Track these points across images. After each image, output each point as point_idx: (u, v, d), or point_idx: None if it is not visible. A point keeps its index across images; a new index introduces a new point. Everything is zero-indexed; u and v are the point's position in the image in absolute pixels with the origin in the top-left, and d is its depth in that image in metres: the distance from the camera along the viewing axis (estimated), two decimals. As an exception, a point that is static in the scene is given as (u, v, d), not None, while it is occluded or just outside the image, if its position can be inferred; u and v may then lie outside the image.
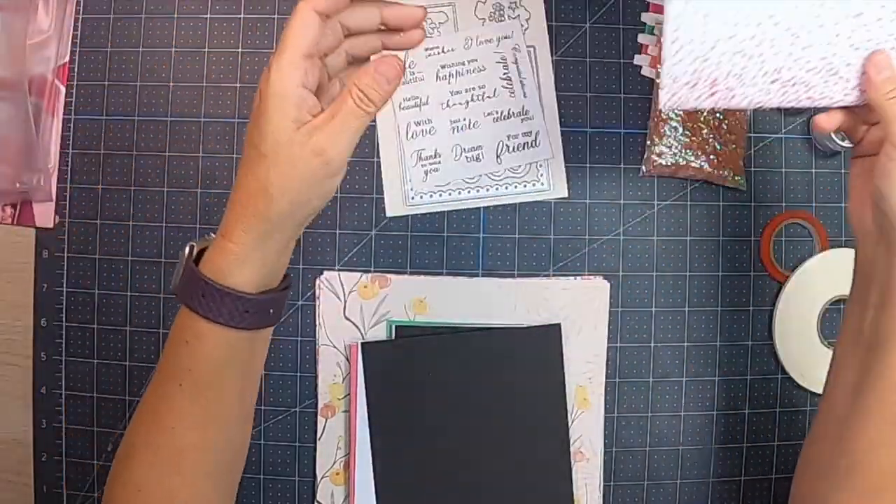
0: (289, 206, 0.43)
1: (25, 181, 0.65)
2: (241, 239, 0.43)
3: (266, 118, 0.42)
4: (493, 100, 0.65)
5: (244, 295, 0.43)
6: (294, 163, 0.42)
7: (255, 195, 0.42)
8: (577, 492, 0.64)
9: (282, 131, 0.42)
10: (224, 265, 0.43)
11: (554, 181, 0.65)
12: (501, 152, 0.65)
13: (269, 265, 0.44)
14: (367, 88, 0.43)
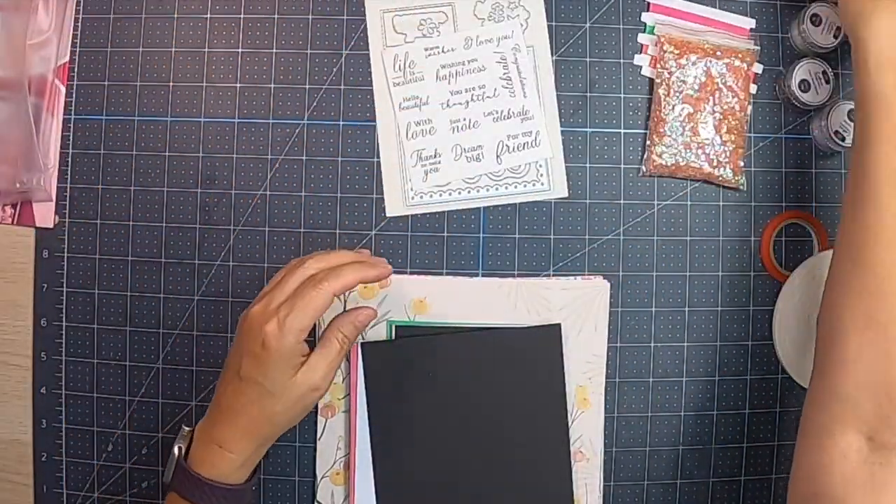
0: (285, 427, 0.56)
1: (25, 181, 0.65)
2: (243, 450, 0.54)
3: (274, 367, 0.52)
4: (493, 100, 0.65)
5: (239, 487, 0.54)
6: (296, 399, 0.54)
7: (260, 422, 0.54)
8: (577, 492, 0.64)
9: (286, 377, 0.53)
10: (226, 470, 0.53)
11: (554, 181, 0.65)
12: (501, 152, 0.65)
13: (256, 461, 0.56)
14: (349, 334, 0.56)
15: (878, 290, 0.48)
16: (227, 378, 0.54)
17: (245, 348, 0.53)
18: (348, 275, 0.53)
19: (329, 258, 0.55)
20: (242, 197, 0.66)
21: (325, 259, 0.55)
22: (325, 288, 0.52)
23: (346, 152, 0.66)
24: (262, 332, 0.52)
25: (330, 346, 0.55)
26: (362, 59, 0.67)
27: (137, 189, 0.67)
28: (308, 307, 0.52)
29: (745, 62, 0.65)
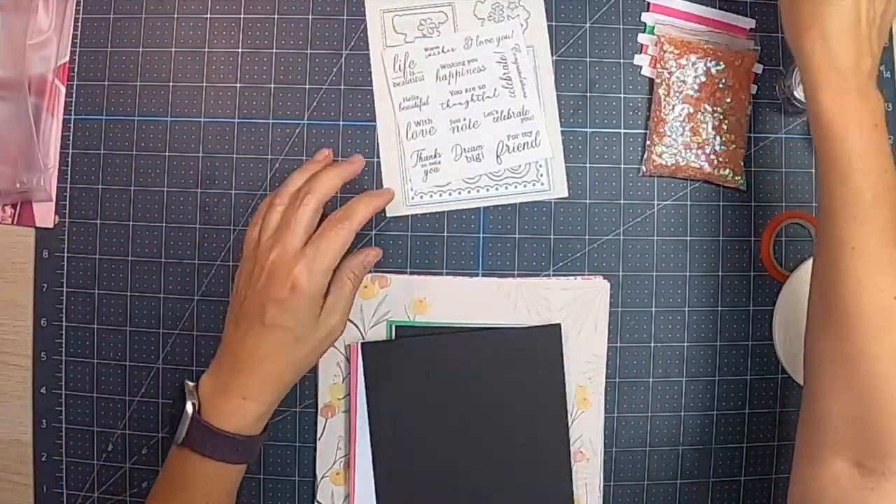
0: (304, 372, 0.57)
1: (25, 181, 0.65)
2: (266, 400, 0.54)
3: (303, 311, 0.54)
4: (493, 100, 0.65)
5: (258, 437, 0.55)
6: (319, 342, 0.56)
7: (285, 369, 0.55)
8: (577, 492, 0.64)
9: (312, 320, 0.55)
10: (248, 421, 0.54)
11: (554, 181, 0.65)
12: (501, 152, 0.65)
13: (273, 410, 0.56)
14: (359, 273, 0.58)
15: (846, 326, 0.48)
16: (246, 327, 0.54)
17: (269, 296, 0.53)
18: (361, 209, 0.56)
19: (320, 184, 0.55)
20: (242, 197, 0.66)
21: (318, 186, 0.55)
22: (347, 227, 0.55)
23: (346, 152, 0.66)
24: (291, 278, 0.53)
25: (343, 286, 0.57)
26: (362, 59, 0.67)
27: (137, 189, 0.67)
28: (332, 247, 0.54)
29: (745, 62, 0.65)
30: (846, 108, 0.50)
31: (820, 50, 0.51)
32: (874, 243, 0.48)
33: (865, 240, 0.48)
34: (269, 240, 0.55)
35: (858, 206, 0.49)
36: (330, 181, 0.56)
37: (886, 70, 0.67)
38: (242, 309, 0.55)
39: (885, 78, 0.67)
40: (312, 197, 0.55)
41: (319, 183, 0.55)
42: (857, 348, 0.48)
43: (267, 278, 0.54)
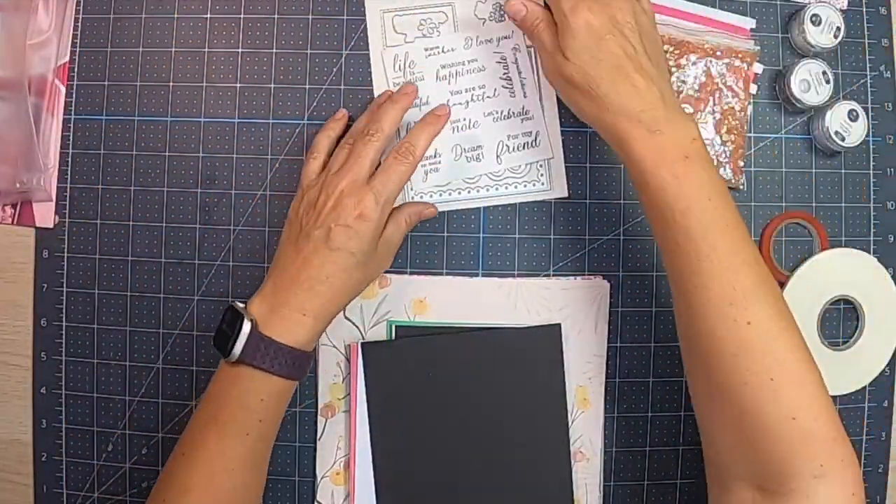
0: (356, 296, 0.59)
1: (25, 181, 0.65)
2: (325, 317, 0.56)
3: (367, 236, 0.56)
4: (493, 100, 0.65)
5: (310, 354, 0.57)
6: (374, 268, 0.60)
7: (344, 290, 0.57)
8: (577, 492, 0.64)
9: (373, 247, 0.57)
10: (306, 336, 0.55)
11: (554, 181, 0.65)
12: (502, 152, 0.65)
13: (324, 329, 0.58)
14: (413, 221, 0.62)
15: (709, 361, 0.49)
16: (310, 249, 0.56)
17: (337, 221, 0.56)
18: (423, 138, 0.59)
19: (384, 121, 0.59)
20: (242, 197, 0.66)
21: (383, 124, 0.59)
22: (410, 159, 0.58)
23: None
24: (361, 206, 0.56)
25: (400, 223, 0.61)
26: (362, 59, 0.67)
27: (137, 189, 0.67)
28: (398, 179, 0.58)
29: (745, 62, 0.65)
30: (650, 153, 0.51)
31: (606, 112, 0.53)
32: (717, 276, 0.49)
33: (708, 274, 0.49)
34: (338, 172, 0.58)
35: (692, 244, 0.49)
36: (392, 116, 0.60)
37: (887, 70, 0.67)
38: (305, 233, 0.57)
39: (885, 78, 0.67)
40: (380, 135, 0.59)
41: (383, 119, 0.59)
42: (723, 380, 0.49)
43: (335, 205, 0.56)
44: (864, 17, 0.67)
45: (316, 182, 0.59)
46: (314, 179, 0.59)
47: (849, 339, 0.66)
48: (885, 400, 0.66)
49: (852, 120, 0.64)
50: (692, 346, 0.51)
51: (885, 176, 0.66)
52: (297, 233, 0.57)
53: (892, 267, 0.66)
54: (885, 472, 0.66)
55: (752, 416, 0.47)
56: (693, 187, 0.50)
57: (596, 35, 0.53)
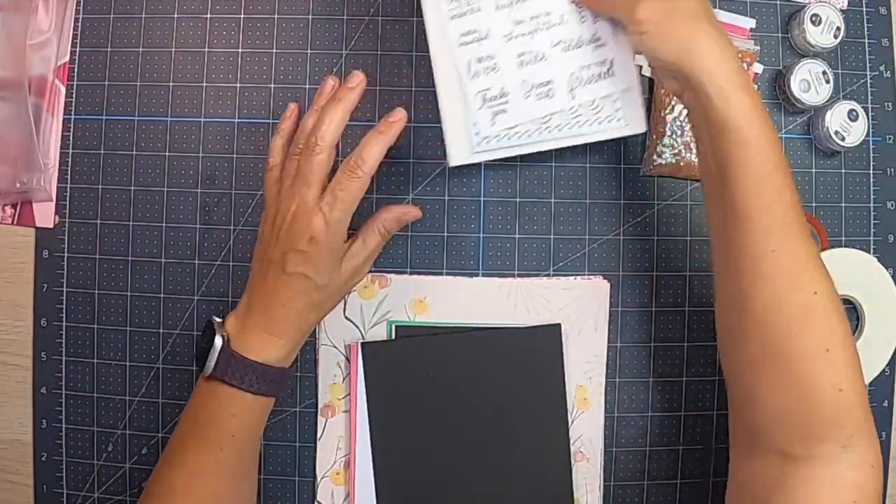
0: (328, 312, 0.59)
1: (25, 181, 0.65)
2: (292, 337, 0.56)
3: (322, 260, 0.55)
4: (560, 27, 0.58)
5: (287, 370, 0.57)
6: (340, 287, 0.58)
7: (308, 311, 0.56)
8: (577, 492, 0.64)
9: (333, 268, 0.56)
10: (277, 354, 0.56)
11: (631, 115, 0.59)
12: (575, 87, 0.59)
13: (300, 346, 0.58)
14: (391, 228, 0.60)
15: (768, 328, 0.49)
16: (271, 272, 0.55)
17: (290, 245, 0.54)
18: (374, 150, 0.55)
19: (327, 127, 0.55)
20: (242, 197, 0.66)
21: (325, 131, 0.55)
22: (361, 174, 0.54)
23: (346, 152, 0.66)
24: (310, 229, 0.54)
25: (372, 235, 0.59)
26: (362, 59, 0.67)
27: (137, 189, 0.67)
28: (348, 197, 0.54)
29: (745, 62, 0.65)
30: (750, 107, 0.49)
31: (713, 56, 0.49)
32: (794, 243, 0.49)
33: (784, 240, 0.49)
34: (289, 189, 0.56)
35: (776, 211, 0.49)
36: (336, 120, 0.55)
37: (887, 70, 0.67)
38: (266, 254, 0.56)
39: (885, 78, 0.67)
40: (322, 145, 0.55)
41: (326, 125, 0.55)
42: (782, 347, 0.48)
43: (288, 228, 0.55)
44: (864, 17, 0.67)
45: (275, 197, 0.57)
46: (273, 194, 0.57)
47: (849, 339, 0.66)
48: (885, 400, 0.66)
49: (852, 120, 0.64)
50: (749, 314, 0.50)
51: (885, 176, 0.67)
52: (263, 252, 0.57)
53: (892, 267, 0.66)
54: (886, 471, 0.65)
55: (803, 383, 0.48)
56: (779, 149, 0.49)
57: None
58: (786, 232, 0.49)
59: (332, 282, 0.57)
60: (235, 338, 0.55)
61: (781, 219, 0.49)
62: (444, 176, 0.66)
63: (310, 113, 0.58)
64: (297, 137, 0.57)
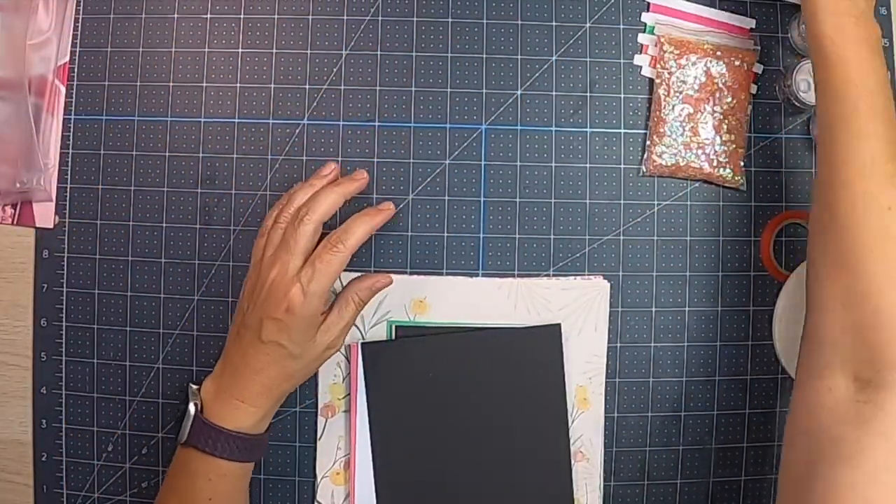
0: (301, 382, 0.59)
1: (25, 181, 0.65)
2: (263, 405, 0.56)
3: (297, 331, 0.55)
4: None
5: (261, 437, 0.58)
6: (314, 358, 0.58)
7: (280, 380, 0.56)
8: (577, 492, 0.64)
9: (308, 338, 0.56)
10: (249, 422, 0.56)
11: None
12: None
13: (273, 413, 0.58)
14: (365, 297, 0.60)
15: (846, 238, 0.49)
16: (247, 339, 0.56)
17: (266, 313, 0.55)
18: (359, 229, 0.56)
19: (319, 204, 0.56)
20: (242, 197, 0.66)
21: (317, 206, 0.56)
22: (343, 250, 0.55)
23: (346, 152, 0.66)
24: (287, 299, 0.54)
25: (347, 307, 0.59)
26: (362, 59, 0.67)
27: (137, 189, 0.67)
28: (328, 271, 0.55)
29: (745, 62, 0.65)
30: (845, 31, 0.52)
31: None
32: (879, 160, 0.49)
33: (869, 156, 0.49)
34: (271, 257, 0.56)
35: (860, 122, 0.50)
36: (330, 200, 0.57)
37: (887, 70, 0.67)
38: (244, 320, 0.56)
39: (885, 78, 0.67)
40: (311, 217, 0.56)
41: (319, 202, 0.56)
42: (855, 260, 0.48)
43: (266, 296, 0.55)
44: (864, 17, 0.67)
45: (258, 265, 0.57)
46: (257, 261, 0.57)
47: (849, 339, 0.66)
48: (885, 400, 0.66)
49: (852, 120, 0.64)
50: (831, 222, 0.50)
51: (885, 176, 0.66)
52: (241, 317, 0.57)
53: (892, 267, 0.66)
54: (885, 472, 0.65)
55: (873, 301, 0.47)
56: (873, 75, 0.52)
57: None
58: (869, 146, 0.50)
59: (306, 352, 0.56)
60: (209, 405, 0.56)
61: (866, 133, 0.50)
62: (444, 176, 0.66)
63: (302, 187, 0.59)
64: (286, 207, 0.58)
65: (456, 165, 0.66)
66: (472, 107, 0.66)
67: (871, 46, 0.52)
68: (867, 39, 0.52)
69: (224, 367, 0.57)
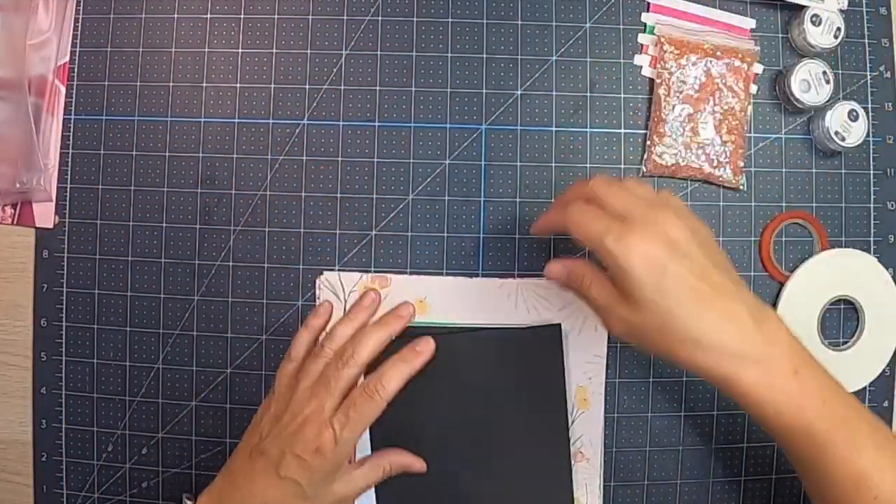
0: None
1: (25, 181, 0.65)
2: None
3: (320, 474, 0.53)
4: None
5: None
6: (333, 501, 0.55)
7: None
8: (577, 492, 0.64)
9: (327, 484, 0.54)
10: None
11: None
12: None
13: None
14: (396, 470, 0.59)
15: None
16: (260, 466, 0.53)
17: (291, 449, 0.52)
18: (397, 376, 0.55)
19: (365, 346, 0.56)
20: (242, 197, 0.66)
21: (363, 349, 0.55)
22: (380, 400, 0.54)
23: (346, 152, 0.66)
24: (318, 441, 0.52)
25: (375, 471, 0.58)
26: (362, 59, 0.67)
27: (137, 189, 0.67)
28: (363, 419, 0.54)
29: (745, 62, 0.65)
30: (760, 382, 0.47)
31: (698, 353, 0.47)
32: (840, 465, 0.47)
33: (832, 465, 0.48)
34: (307, 390, 0.55)
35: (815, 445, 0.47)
36: (376, 341, 0.56)
37: (887, 70, 0.67)
38: (261, 447, 0.54)
39: (885, 78, 0.67)
40: (356, 361, 0.55)
41: (365, 344, 0.56)
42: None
43: (295, 430, 0.53)
44: (864, 17, 0.67)
45: (287, 392, 0.55)
46: (286, 387, 0.56)
47: (849, 340, 0.66)
48: (885, 400, 0.66)
49: (852, 120, 0.64)
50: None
51: (885, 176, 0.67)
52: (256, 442, 0.54)
53: (892, 267, 0.66)
54: (885, 472, 0.66)
55: None
56: (808, 397, 0.47)
57: (656, 268, 0.46)
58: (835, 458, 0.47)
59: (319, 497, 0.54)
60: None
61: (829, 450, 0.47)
62: (444, 176, 0.66)
63: (344, 321, 0.58)
64: (327, 341, 0.57)
65: (456, 165, 0.66)
66: (472, 107, 0.66)
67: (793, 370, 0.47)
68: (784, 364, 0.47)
69: (225, 485, 0.54)
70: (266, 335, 0.65)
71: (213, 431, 0.65)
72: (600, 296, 0.50)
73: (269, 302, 0.65)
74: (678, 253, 0.47)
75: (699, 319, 0.46)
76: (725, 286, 0.47)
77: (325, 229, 0.66)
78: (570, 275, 0.52)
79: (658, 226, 0.47)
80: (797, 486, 0.65)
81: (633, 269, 0.46)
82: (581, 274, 0.51)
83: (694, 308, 0.46)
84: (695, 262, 0.47)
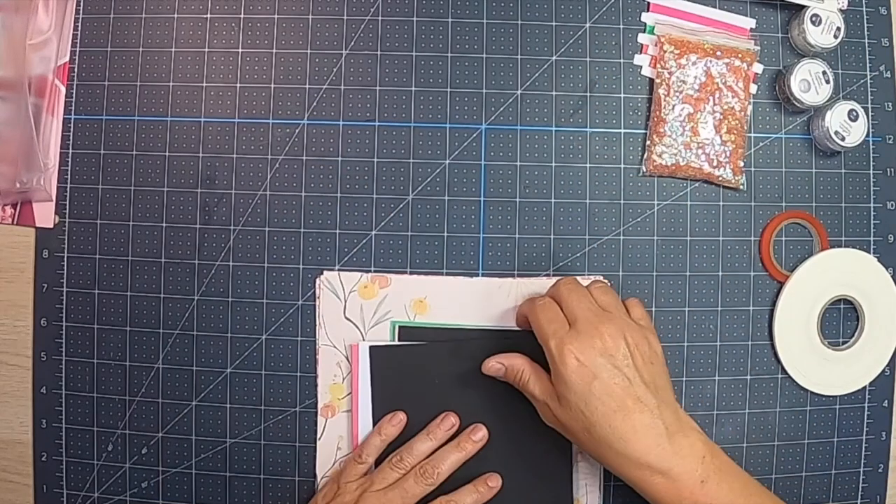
0: None
1: (25, 181, 0.65)
2: None
3: None
4: None
5: None
6: None
7: None
8: (577, 492, 0.64)
9: None
10: None
11: None
12: None
13: None
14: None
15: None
16: None
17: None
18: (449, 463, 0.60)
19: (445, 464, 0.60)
20: (242, 197, 0.66)
21: (444, 468, 0.60)
22: (432, 483, 0.59)
23: (346, 152, 0.66)
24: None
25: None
26: (362, 59, 0.67)
27: (137, 189, 0.67)
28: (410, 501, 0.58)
29: (745, 62, 0.65)
30: (667, 491, 0.51)
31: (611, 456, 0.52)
32: None
33: None
34: (381, 493, 0.58)
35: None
36: (454, 463, 0.60)
37: (887, 70, 0.67)
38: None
39: (885, 78, 0.67)
40: (438, 479, 0.59)
41: (445, 465, 0.60)
42: None
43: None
44: (864, 17, 0.67)
45: (355, 489, 0.59)
46: (353, 483, 0.60)
47: (849, 339, 0.66)
48: (885, 400, 0.66)
49: (852, 120, 0.64)
50: None
51: (885, 176, 0.67)
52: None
53: (892, 267, 0.66)
54: (885, 472, 0.66)
55: None
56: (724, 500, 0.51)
57: (587, 376, 0.52)
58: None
59: None
60: None
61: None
62: (443, 176, 0.66)
63: (423, 438, 0.61)
64: (406, 454, 0.60)
65: (456, 165, 0.66)
66: (471, 107, 0.66)
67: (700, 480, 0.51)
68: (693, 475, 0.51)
69: None
70: (266, 335, 0.65)
71: (213, 431, 0.65)
72: (536, 390, 0.57)
73: (269, 302, 0.65)
74: (610, 365, 0.52)
75: (614, 429, 0.51)
76: (647, 401, 0.52)
77: (325, 229, 0.66)
78: (507, 371, 0.59)
79: (598, 338, 0.53)
80: (797, 486, 0.65)
81: (566, 374, 0.52)
82: (519, 369, 0.58)
83: (611, 419, 0.51)
84: (624, 376, 0.52)
